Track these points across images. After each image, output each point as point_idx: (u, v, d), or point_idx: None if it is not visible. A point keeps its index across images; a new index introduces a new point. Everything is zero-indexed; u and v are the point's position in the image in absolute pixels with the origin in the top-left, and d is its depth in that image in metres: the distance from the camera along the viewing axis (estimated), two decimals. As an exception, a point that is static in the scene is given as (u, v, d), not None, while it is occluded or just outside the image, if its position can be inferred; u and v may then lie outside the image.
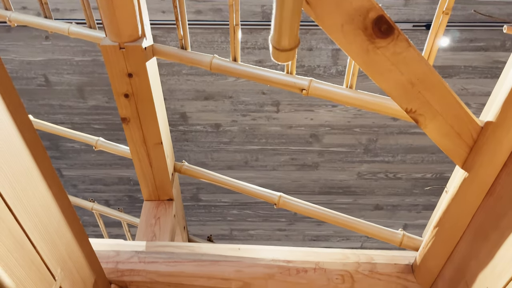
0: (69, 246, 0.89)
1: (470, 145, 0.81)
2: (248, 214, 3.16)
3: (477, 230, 0.86)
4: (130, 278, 1.14)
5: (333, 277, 1.14)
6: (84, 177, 2.80)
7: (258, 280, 1.14)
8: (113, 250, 1.18)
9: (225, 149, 2.68)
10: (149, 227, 1.32)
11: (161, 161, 1.27)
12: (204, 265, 1.16)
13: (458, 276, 0.94)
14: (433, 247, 1.00)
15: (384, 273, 1.13)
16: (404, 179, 2.76)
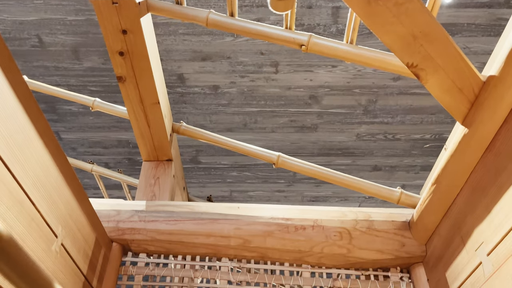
0: (69, 205, 0.90)
1: (471, 100, 0.80)
2: (247, 176, 3.18)
3: (475, 186, 0.87)
4: (131, 237, 1.15)
5: (331, 234, 1.16)
6: (83, 140, 2.80)
7: (257, 237, 1.16)
8: (113, 210, 1.19)
9: (223, 111, 2.66)
10: (149, 187, 1.33)
11: (159, 121, 1.26)
12: (204, 223, 1.18)
13: (454, 232, 0.95)
14: (430, 204, 1.01)
15: (382, 229, 1.15)
16: (403, 140, 2.76)
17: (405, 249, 1.12)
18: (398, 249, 1.12)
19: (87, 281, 0.99)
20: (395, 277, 1.14)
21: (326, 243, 1.14)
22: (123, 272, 1.14)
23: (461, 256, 0.91)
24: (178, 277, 1.14)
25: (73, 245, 0.92)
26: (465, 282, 0.89)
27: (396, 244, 1.13)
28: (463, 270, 0.90)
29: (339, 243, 1.14)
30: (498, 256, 0.78)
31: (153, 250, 1.17)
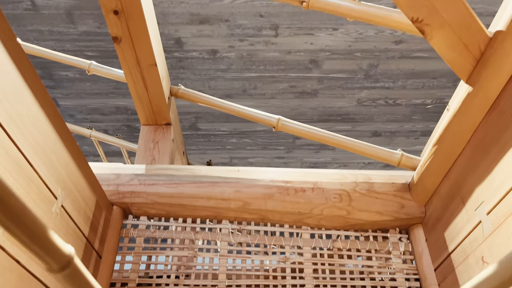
0: (67, 167, 0.89)
1: (477, 57, 0.78)
2: (247, 142, 3.18)
3: (477, 146, 0.86)
4: (131, 200, 1.16)
5: (331, 196, 1.16)
6: (81, 107, 2.77)
7: (257, 200, 1.16)
8: (113, 173, 1.19)
9: (222, 76, 2.63)
10: (148, 151, 1.32)
11: (156, 83, 1.23)
12: (204, 186, 1.18)
13: (454, 192, 0.95)
14: (431, 165, 1.00)
15: (381, 191, 1.15)
16: (404, 105, 2.74)
17: (405, 210, 1.13)
18: (398, 210, 1.13)
19: (89, 243, 1.00)
20: (394, 238, 1.15)
21: (325, 205, 1.15)
22: (125, 235, 1.15)
23: (460, 216, 0.92)
24: (179, 239, 1.15)
25: (74, 207, 0.92)
26: (463, 241, 0.90)
27: (396, 206, 1.13)
28: (462, 230, 0.90)
29: (338, 205, 1.15)
30: (497, 215, 0.78)
31: (153, 213, 1.17)
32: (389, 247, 1.14)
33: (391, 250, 1.14)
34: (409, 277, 1.10)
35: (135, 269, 1.10)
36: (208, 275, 1.11)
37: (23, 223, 0.22)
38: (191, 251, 1.13)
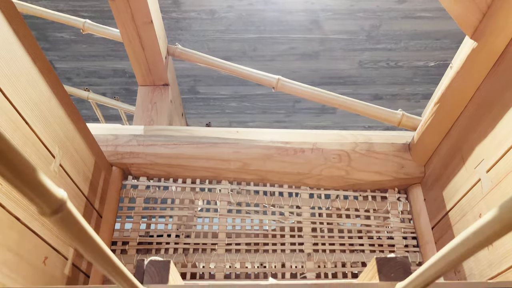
0: (64, 126, 0.88)
1: (483, 11, 0.75)
2: (246, 106, 3.15)
3: (480, 103, 0.85)
4: (130, 161, 1.15)
5: (330, 156, 1.16)
6: (78, 70, 2.73)
7: (256, 161, 1.16)
8: (111, 134, 1.18)
9: (221, 38, 2.57)
10: (146, 111, 1.30)
11: (153, 42, 1.20)
12: (203, 147, 1.17)
13: (454, 151, 0.94)
14: (432, 124, 0.99)
15: (381, 152, 1.15)
16: (406, 67, 2.69)
17: (404, 170, 1.13)
18: (397, 170, 1.13)
19: (89, 202, 1.01)
20: (393, 197, 1.16)
21: (325, 165, 1.15)
22: (124, 195, 1.15)
23: (459, 174, 0.91)
24: (179, 199, 1.16)
25: (72, 166, 0.92)
26: (461, 200, 0.90)
27: (395, 166, 1.13)
28: (461, 188, 0.91)
29: (338, 165, 1.14)
30: (497, 173, 0.77)
31: (153, 173, 1.17)
32: (387, 207, 1.15)
33: (390, 209, 1.14)
34: (406, 236, 1.11)
35: (136, 228, 1.11)
36: (208, 234, 1.12)
37: (11, 163, 0.21)
38: (191, 211, 1.14)
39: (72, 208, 0.26)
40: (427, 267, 0.37)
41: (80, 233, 0.28)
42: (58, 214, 0.25)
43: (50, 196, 0.25)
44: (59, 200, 0.25)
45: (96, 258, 0.30)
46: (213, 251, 1.10)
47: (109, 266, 0.32)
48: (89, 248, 0.29)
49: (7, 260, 0.66)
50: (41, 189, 0.24)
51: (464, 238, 0.31)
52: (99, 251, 0.30)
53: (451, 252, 0.32)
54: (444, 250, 0.33)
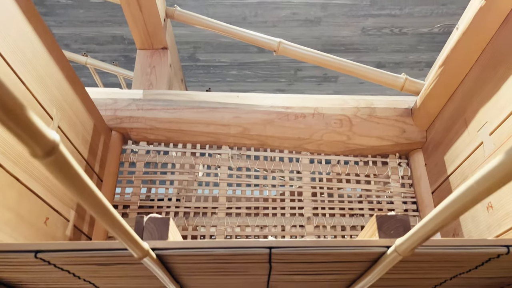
0: (61, 88, 0.87)
1: (494, -34, 0.72)
2: (247, 74, 3.12)
3: (485, 65, 0.83)
4: (129, 125, 1.14)
5: (331, 121, 1.14)
6: (75, 36, 2.68)
7: (257, 126, 1.15)
8: (110, 98, 1.16)
9: (221, 3, 2.51)
10: (145, 76, 1.28)
11: (151, 3, 1.17)
12: (203, 111, 1.16)
13: (457, 115, 0.93)
14: (435, 88, 0.97)
15: (383, 116, 1.14)
16: (410, 34, 2.64)
17: (405, 135, 1.12)
18: (399, 135, 1.12)
19: (89, 165, 1.00)
20: (393, 163, 1.16)
21: (325, 130, 1.14)
22: (124, 159, 1.15)
23: (462, 138, 0.91)
24: (179, 164, 1.16)
25: (71, 129, 0.91)
26: (463, 163, 0.90)
27: (397, 131, 1.12)
28: (463, 152, 0.90)
29: (339, 130, 1.14)
30: (500, 135, 0.76)
31: (153, 138, 1.17)
32: (388, 172, 1.15)
33: (390, 174, 1.14)
34: (406, 200, 1.11)
35: (136, 192, 1.12)
36: (208, 198, 1.13)
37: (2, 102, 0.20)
38: (192, 176, 1.14)
39: (65, 152, 0.26)
40: (428, 219, 0.37)
41: (74, 179, 0.27)
42: (50, 157, 0.25)
43: (41, 136, 0.24)
44: (51, 142, 0.24)
45: (91, 205, 0.30)
46: (213, 214, 1.10)
47: (105, 214, 0.32)
48: (84, 195, 0.28)
49: (7, 220, 0.67)
50: (32, 128, 0.23)
51: (468, 186, 0.30)
52: (94, 198, 0.29)
53: (455, 202, 0.32)
54: (448, 200, 0.32)
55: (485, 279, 0.63)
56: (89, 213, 0.95)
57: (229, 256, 0.51)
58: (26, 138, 0.23)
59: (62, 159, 0.25)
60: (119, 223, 0.36)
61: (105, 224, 0.34)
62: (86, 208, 0.30)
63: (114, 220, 0.34)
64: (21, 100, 0.22)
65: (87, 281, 0.62)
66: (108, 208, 0.32)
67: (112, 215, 0.34)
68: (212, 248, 0.50)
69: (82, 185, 0.28)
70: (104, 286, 0.66)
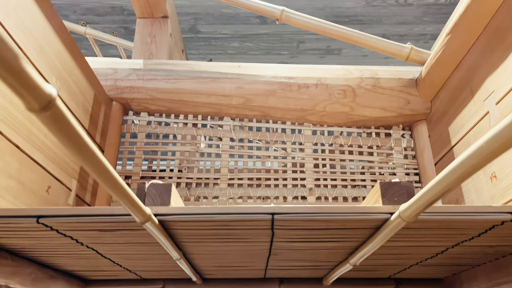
0: (61, 56, 0.85)
1: None
2: (249, 47, 3.07)
3: (493, 33, 0.80)
4: (130, 95, 1.13)
5: (335, 92, 1.13)
6: (74, 6, 2.63)
7: (259, 96, 1.14)
8: (110, 68, 1.15)
9: (223, -28, 2.44)
10: (145, 45, 1.26)
11: (150, -31, 1.14)
12: (204, 82, 1.14)
13: (463, 85, 0.91)
14: (442, 57, 0.95)
15: (387, 87, 1.12)
16: (415, 5, 2.58)
17: (410, 106, 1.10)
18: (403, 106, 1.11)
19: (90, 135, 1.00)
20: (397, 134, 1.15)
21: (329, 101, 1.12)
22: (126, 130, 1.14)
23: (467, 108, 0.89)
24: (181, 135, 1.15)
25: (71, 98, 0.90)
26: (467, 134, 0.89)
27: (401, 102, 1.11)
28: (468, 122, 0.89)
29: (342, 101, 1.12)
30: (507, 105, 0.75)
31: (154, 109, 1.16)
32: (391, 143, 1.14)
33: (393, 146, 1.14)
34: (409, 172, 1.11)
35: (138, 163, 1.12)
36: (210, 169, 1.13)
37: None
38: (193, 147, 1.14)
39: (62, 107, 0.25)
40: (434, 183, 0.36)
41: (72, 135, 0.26)
42: (47, 112, 0.24)
43: (37, 89, 0.23)
44: (47, 95, 0.23)
45: (90, 165, 0.29)
46: (215, 185, 1.10)
47: (105, 175, 0.31)
48: (83, 153, 0.28)
49: (9, 187, 0.66)
50: (27, 80, 0.22)
51: (478, 147, 0.29)
52: (94, 157, 0.28)
53: (463, 163, 0.31)
54: (456, 162, 0.32)
55: (487, 247, 0.63)
56: (91, 181, 0.95)
57: (231, 222, 0.51)
58: (21, 91, 0.22)
59: (59, 114, 0.24)
60: (120, 186, 0.35)
61: (106, 186, 0.34)
62: (86, 168, 0.30)
63: (115, 182, 0.34)
64: (16, 51, 0.21)
65: (90, 247, 0.63)
66: (108, 169, 0.31)
67: (113, 176, 0.33)
68: (214, 214, 0.49)
69: (80, 143, 0.27)
70: (107, 253, 0.67)
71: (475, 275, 0.78)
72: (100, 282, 0.93)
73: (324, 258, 0.71)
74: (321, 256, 0.70)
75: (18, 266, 0.66)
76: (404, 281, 0.92)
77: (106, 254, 0.68)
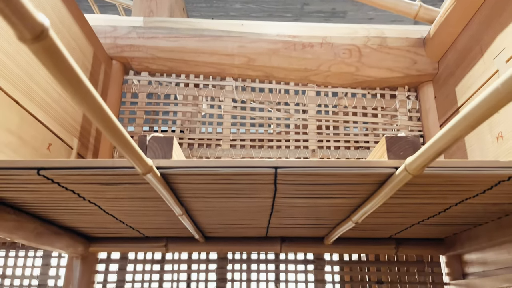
0: (58, 11, 0.82)
1: None
2: (252, 8, 2.99)
3: (508, -14, 0.77)
4: (130, 54, 1.11)
5: (340, 51, 1.10)
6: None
7: (262, 56, 1.11)
8: (109, 26, 1.11)
9: None
10: (145, 2, 1.22)
11: None
12: (206, 40, 1.11)
13: (473, 43, 0.89)
14: (452, 14, 0.92)
15: (394, 47, 1.09)
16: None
17: (416, 66, 1.08)
18: (409, 66, 1.08)
19: (90, 94, 0.98)
20: (402, 95, 1.13)
21: (334, 61, 1.10)
22: (127, 90, 1.12)
23: (476, 67, 0.87)
24: (182, 95, 1.13)
25: (70, 55, 0.88)
26: (475, 94, 0.87)
27: (408, 62, 1.08)
28: (476, 82, 0.87)
29: (347, 61, 1.09)
30: (518, 62, 0.73)
31: (155, 68, 1.13)
32: (396, 105, 1.12)
33: (398, 108, 1.12)
34: (413, 134, 1.10)
35: (139, 123, 1.10)
36: (213, 129, 1.11)
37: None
38: (195, 108, 1.12)
39: (55, 38, 0.23)
40: (445, 131, 0.35)
41: (66, 69, 0.25)
42: (39, 42, 0.22)
43: (29, 17, 0.21)
44: (39, 24, 0.22)
45: (86, 105, 0.28)
46: (217, 146, 1.10)
47: (100, 114, 0.30)
48: (78, 90, 0.26)
49: (9, 142, 0.66)
50: (19, 7, 0.21)
51: (493, 89, 0.28)
52: (88, 95, 0.27)
53: (477, 108, 0.30)
54: (469, 107, 0.30)
55: (490, 205, 0.63)
56: (92, 139, 0.93)
57: (234, 176, 0.50)
58: (13, 18, 0.21)
59: (52, 46, 0.23)
60: (120, 132, 0.34)
61: (104, 129, 0.33)
62: (83, 109, 0.29)
63: (113, 125, 0.33)
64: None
65: (93, 203, 0.63)
66: (104, 108, 0.30)
67: (109, 118, 0.32)
68: (217, 168, 0.49)
69: (75, 78, 0.26)
70: (110, 208, 0.67)
71: (476, 234, 0.79)
72: (104, 240, 0.94)
73: (326, 216, 0.71)
74: (324, 214, 0.70)
75: (21, 221, 0.67)
76: (404, 241, 0.93)
77: (108, 210, 0.68)
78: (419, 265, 0.99)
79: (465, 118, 0.32)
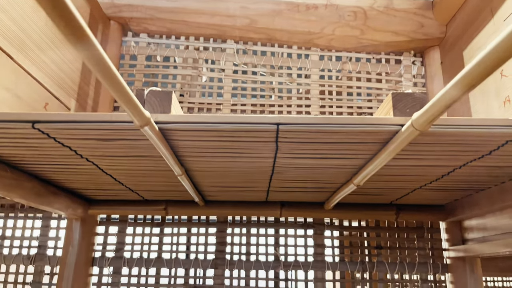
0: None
1: None
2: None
3: None
4: (129, 14, 1.07)
5: (345, 14, 1.07)
6: None
7: (265, 17, 1.08)
8: (106, -16, 1.07)
9: None
10: (143, -40, 1.18)
11: None
12: (208, 1, 1.08)
13: (483, 4, 0.85)
14: (463, -26, 0.88)
15: (401, 9, 1.05)
16: None
17: (423, 30, 1.05)
18: (416, 30, 1.05)
19: (88, 54, 0.96)
20: (407, 60, 1.10)
21: (338, 23, 1.06)
22: (125, 52, 1.10)
23: (485, 30, 0.84)
24: (182, 58, 1.10)
25: (65, 12, 0.85)
26: (483, 58, 0.84)
27: (415, 25, 1.05)
28: (485, 45, 0.84)
29: (352, 23, 1.06)
30: (530, 23, 0.70)
31: (154, 30, 1.10)
32: (401, 70, 1.09)
33: (403, 73, 1.09)
34: (417, 100, 1.08)
35: (138, 86, 1.08)
36: (213, 94, 1.09)
37: None
38: (195, 71, 1.10)
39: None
40: (454, 82, 0.33)
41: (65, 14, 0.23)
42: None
43: None
44: None
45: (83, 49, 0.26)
46: (218, 110, 1.08)
47: (99, 61, 0.28)
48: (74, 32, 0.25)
49: (4, 98, 0.64)
50: None
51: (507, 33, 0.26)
52: (86, 39, 0.25)
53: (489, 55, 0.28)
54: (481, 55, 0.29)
55: (495, 168, 0.62)
56: (90, 101, 0.91)
57: (235, 133, 0.49)
58: None
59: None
60: (117, 80, 0.32)
61: (102, 78, 0.31)
62: (82, 56, 0.27)
63: (112, 76, 0.31)
64: None
65: (90, 161, 0.62)
66: (103, 57, 0.29)
67: (109, 67, 0.30)
68: (217, 123, 0.47)
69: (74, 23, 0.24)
70: (108, 168, 0.66)
71: (477, 200, 0.78)
72: (103, 202, 0.94)
73: (327, 179, 0.70)
74: (325, 176, 0.69)
75: (19, 180, 0.66)
76: (405, 207, 0.93)
77: (107, 170, 0.67)
78: (418, 231, 0.99)
79: (478, 65, 0.30)
